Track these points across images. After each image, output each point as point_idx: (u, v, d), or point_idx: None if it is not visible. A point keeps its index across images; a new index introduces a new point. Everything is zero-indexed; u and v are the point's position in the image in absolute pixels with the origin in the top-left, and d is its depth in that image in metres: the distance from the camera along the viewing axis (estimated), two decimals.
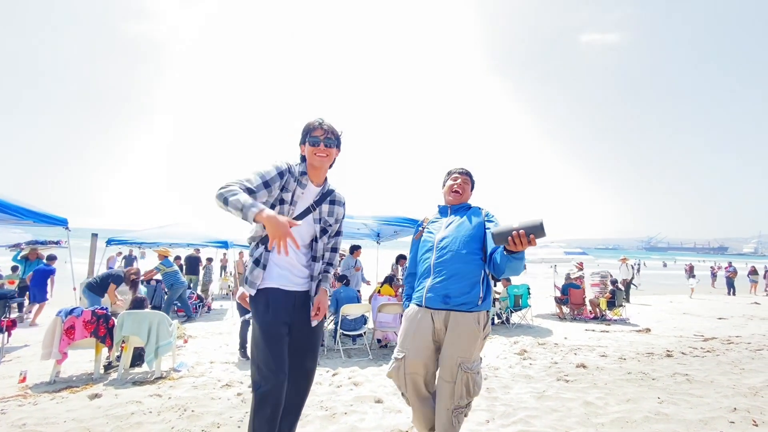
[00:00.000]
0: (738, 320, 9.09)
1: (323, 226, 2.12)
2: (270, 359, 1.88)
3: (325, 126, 2.04)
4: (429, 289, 2.19)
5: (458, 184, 2.42)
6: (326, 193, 2.14)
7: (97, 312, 4.18)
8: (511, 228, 1.83)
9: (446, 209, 2.44)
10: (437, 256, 2.23)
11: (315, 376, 2.23)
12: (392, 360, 2.25)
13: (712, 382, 4.00)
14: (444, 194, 2.49)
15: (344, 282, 6.17)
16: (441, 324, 2.14)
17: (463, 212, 2.38)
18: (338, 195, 2.21)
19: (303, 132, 2.08)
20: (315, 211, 2.09)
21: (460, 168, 2.49)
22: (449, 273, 2.17)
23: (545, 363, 4.82)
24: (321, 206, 2.12)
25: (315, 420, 2.97)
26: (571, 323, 8.59)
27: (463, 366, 2.08)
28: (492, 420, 3.01)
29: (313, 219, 2.09)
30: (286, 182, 2.00)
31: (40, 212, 5.43)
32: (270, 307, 1.95)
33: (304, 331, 2.08)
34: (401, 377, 2.18)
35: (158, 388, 3.67)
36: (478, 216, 2.32)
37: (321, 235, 2.12)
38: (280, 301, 1.97)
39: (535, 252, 11.51)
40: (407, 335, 2.21)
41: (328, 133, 2.04)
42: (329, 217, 2.15)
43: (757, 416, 3.07)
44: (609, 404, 3.34)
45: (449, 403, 2.10)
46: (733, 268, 17.19)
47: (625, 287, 12.39)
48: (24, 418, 2.94)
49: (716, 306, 12.02)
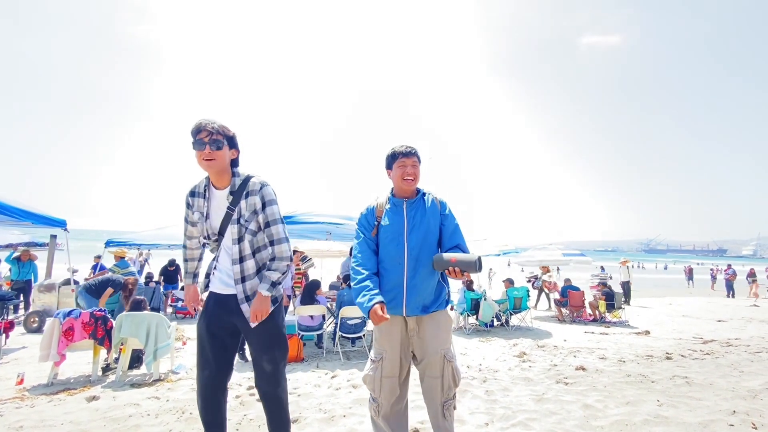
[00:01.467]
0: (737, 323, 9.09)
1: (242, 224, 2.05)
2: (199, 359, 2.09)
3: (209, 127, 1.96)
4: (408, 303, 2.13)
5: (409, 171, 2.19)
6: (238, 190, 2.06)
7: (96, 314, 4.17)
8: (448, 262, 2.01)
9: (401, 203, 2.23)
10: (411, 266, 2.14)
11: (313, 378, 2.26)
12: (370, 362, 2.23)
13: (711, 384, 3.99)
14: (394, 182, 2.26)
15: (349, 283, 6.09)
16: (414, 323, 2.18)
17: (420, 206, 2.23)
18: (252, 183, 2.08)
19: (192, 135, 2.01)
20: (234, 212, 2.06)
21: (406, 147, 2.20)
22: (422, 283, 2.15)
23: (544, 365, 4.81)
24: (239, 204, 2.06)
25: (313, 423, 2.95)
26: (571, 325, 8.58)
27: (447, 356, 2.14)
28: (491, 422, 3.00)
29: (233, 221, 2.07)
30: (194, 206, 2.14)
31: (39, 213, 5.43)
32: (204, 312, 2.13)
33: (249, 332, 2.10)
34: (377, 380, 2.15)
35: (156, 391, 3.65)
36: (435, 210, 2.23)
37: (241, 235, 2.05)
38: (212, 306, 2.11)
39: (533, 254, 11.51)
40: (381, 336, 2.20)
41: (212, 134, 1.97)
42: (246, 212, 2.06)
43: (757, 419, 3.07)
44: (608, 407, 3.34)
45: (440, 398, 2.14)
46: (732, 271, 17.21)
47: (625, 290, 12.39)
48: (21, 420, 2.93)
49: (715, 308, 12.01)
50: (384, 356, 2.16)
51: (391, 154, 2.23)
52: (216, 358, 2.08)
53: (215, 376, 2.09)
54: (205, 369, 2.07)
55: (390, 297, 2.14)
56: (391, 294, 2.15)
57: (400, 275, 2.14)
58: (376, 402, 2.18)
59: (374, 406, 2.19)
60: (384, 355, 2.16)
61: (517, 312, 8.22)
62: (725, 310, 11.70)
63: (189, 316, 8.37)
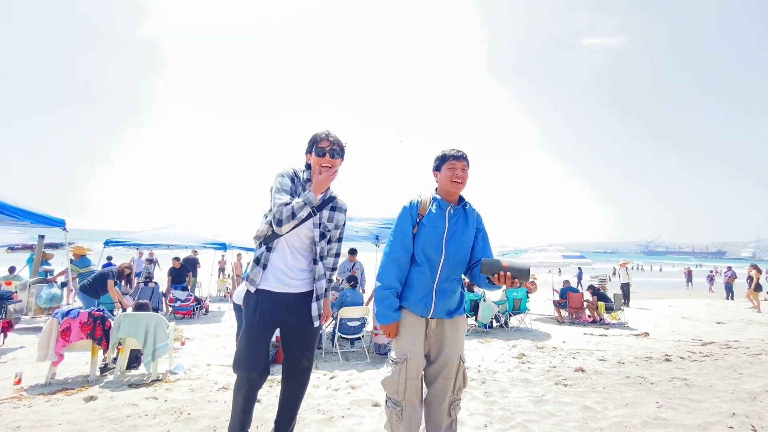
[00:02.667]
0: (736, 325, 9.09)
1: (322, 231, 2.24)
2: (247, 356, 2.10)
3: (332, 138, 2.17)
4: (436, 307, 2.12)
5: (458, 174, 2.16)
6: (328, 200, 2.26)
7: (94, 314, 4.16)
8: (501, 266, 1.96)
9: (446, 206, 2.19)
10: (444, 272, 2.12)
11: (312, 379, 2.29)
12: (390, 364, 2.15)
13: (710, 386, 3.99)
14: (440, 183, 2.23)
15: (352, 284, 6.06)
16: (434, 325, 2.19)
17: (461, 213, 2.21)
18: (340, 202, 2.34)
19: (310, 142, 2.22)
20: (315, 216, 2.20)
21: (457, 151, 2.19)
22: (452, 287, 2.17)
23: (544, 367, 4.81)
24: (321, 212, 2.23)
25: (312, 423, 2.95)
26: (570, 327, 8.58)
27: (462, 358, 2.19)
28: (490, 424, 3.00)
29: (312, 223, 2.21)
30: (295, 187, 2.19)
31: (38, 213, 5.42)
32: (258, 309, 2.12)
33: (298, 331, 2.23)
34: (402, 383, 2.06)
35: (154, 391, 3.64)
36: (473, 222, 2.23)
37: (320, 239, 2.24)
38: (269, 304, 2.12)
39: (533, 256, 11.51)
40: (405, 336, 2.14)
41: (333, 144, 2.17)
42: (329, 223, 2.27)
43: (756, 421, 3.07)
44: (607, 408, 3.33)
45: (450, 397, 2.15)
46: (732, 273, 17.20)
47: (625, 291, 12.39)
48: (18, 420, 2.91)
49: (715, 310, 12.02)
50: (409, 357, 2.08)
51: (441, 156, 2.23)
52: (266, 357, 2.17)
53: (262, 375, 2.16)
54: (253, 370, 2.11)
55: (418, 298, 2.12)
56: (420, 295, 2.13)
57: (432, 278, 2.13)
58: (399, 406, 2.07)
59: (397, 410, 2.07)
60: (408, 356, 2.08)
61: (516, 313, 8.22)
62: (724, 312, 11.71)
63: (188, 317, 8.36)
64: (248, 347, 2.11)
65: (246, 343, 2.12)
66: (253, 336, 2.12)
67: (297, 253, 2.21)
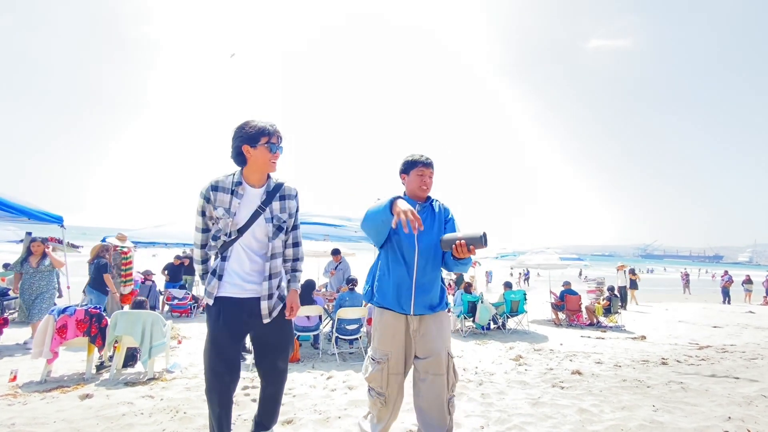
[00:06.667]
0: (733, 329, 9.12)
1: (277, 224, 2.15)
2: (218, 363, 2.05)
3: (279, 133, 2.09)
4: (416, 302, 2.20)
5: (426, 181, 2.31)
6: (273, 191, 2.16)
7: (90, 311, 4.14)
8: (456, 237, 2.01)
9: (414, 204, 2.30)
10: (420, 267, 2.21)
11: (309, 379, 2.28)
12: (372, 363, 2.27)
13: (706, 390, 4.00)
14: (408, 186, 2.35)
15: (351, 286, 6.02)
16: (417, 323, 2.23)
17: (429, 209, 2.34)
18: (287, 188, 2.21)
19: (253, 135, 2.03)
20: (265, 211, 2.12)
21: (426, 158, 2.31)
22: (430, 282, 2.24)
23: (541, 369, 4.81)
24: (271, 204, 2.14)
25: (308, 424, 2.94)
26: (567, 329, 8.60)
27: (450, 353, 2.24)
28: (487, 426, 2.99)
29: (264, 219, 2.12)
30: (215, 201, 2.07)
31: (35, 209, 5.38)
32: (221, 316, 2.06)
33: (267, 336, 2.17)
34: (384, 378, 2.21)
35: (150, 389, 3.62)
36: (441, 216, 2.34)
37: (276, 234, 2.15)
38: (231, 311, 2.07)
39: (531, 258, 11.54)
40: (386, 338, 2.25)
41: (281, 139, 2.10)
42: (282, 214, 2.17)
43: (752, 425, 3.07)
44: (604, 411, 3.33)
45: (446, 394, 2.17)
46: (728, 277, 17.27)
47: (622, 294, 12.42)
48: (13, 417, 2.90)
49: (711, 314, 12.05)
50: (390, 356, 2.22)
51: (411, 161, 2.32)
52: (237, 363, 2.13)
53: (234, 381, 2.12)
54: (225, 375, 2.07)
55: (398, 295, 2.21)
56: (400, 292, 2.21)
57: (410, 273, 2.20)
58: (382, 396, 2.22)
59: (380, 399, 2.23)
60: (390, 356, 2.22)
61: (513, 315, 8.23)
62: (721, 316, 11.75)
63: (185, 315, 8.34)
64: (214, 354, 2.05)
65: (211, 351, 2.06)
66: (220, 341, 2.06)
67: (254, 254, 2.12)
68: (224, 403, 2.08)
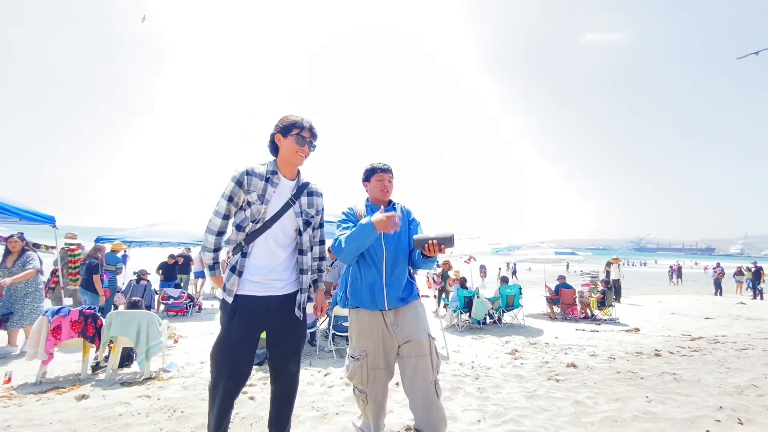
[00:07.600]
0: (724, 320, 9.26)
1: (305, 218, 2.16)
2: (226, 364, 1.99)
3: (314, 129, 2.12)
4: (388, 297, 2.30)
5: (386, 185, 2.45)
6: (302, 186, 2.18)
7: (85, 312, 4.12)
8: (428, 237, 2.14)
9: (377, 208, 2.36)
10: (389, 265, 2.32)
11: (306, 376, 2.25)
12: (351, 360, 2.35)
13: (698, 381, 4.06)
14: (371, 192, 2.50)
15: None
16: (393, 316, 2.33)
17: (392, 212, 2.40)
18: (314, 186, 2.24)
19: (286, 125, 2.07)
20: (295, 205, 2.12)
21: (384, 165, 2.48)
22: (398, 280, 2.34)
23: (536, 362, 4.86)
24: (299, 199, 2.14)
25: (306, 420, 2.95)
26: (562, 323, 8.67)
27: (431, 335, 2.33)
28: (483, 419, 3.03)
29: (294, 213, 2.12)
30: (249, 186, 2.02)
31: (27, 210, 5.32)
32: (236, 316, 1.99)
33: (283, 334, 2.12)
34: (364, 374, 2.29)
35: (147, 389, 3.62)
36: (405, 219, 2.46)
37: (305, 228, 2.15)
38: (249, 310, 2.00)
39: (526, 253, 11.60)
40: (363, 334, 2.33)
41: (314, 135, 2.12)
42: (309, 209, 2.19)
43: (742, 415, 3.13)
44: (598, 403, 3.38)
45: (431, 377, 2.23)
46: (721, 269, 17.48)
47: (616, 287, 12.54)
48: (9, 419, 2.88)
49: (703, 306, 12.22)
50: (368, 351, 2.31)
51: (370, 168, 2.48)
52: (247, 365, 2.05)
53: (241, 383, 2.06)
54: (231, 378, 2.00)
55: (370, 293, 2.31)
56: (371, 290, 2.31)
57: (380, 273, 2.32)
58: (363, 393, 2.32)
59: (362, 396, 2.33)
60: (368, 350, 2.31)
61: (509, 310, 8.29)
62: (713, 307, 11.91)
63: (181, 314, 8.30)
64: (227, 354, 1.99)
65: (224, 351, 2.00)
66: (231, 342, 2.00)
67: (280, 248, 2.08)
68: (226, 404, 2.02)
